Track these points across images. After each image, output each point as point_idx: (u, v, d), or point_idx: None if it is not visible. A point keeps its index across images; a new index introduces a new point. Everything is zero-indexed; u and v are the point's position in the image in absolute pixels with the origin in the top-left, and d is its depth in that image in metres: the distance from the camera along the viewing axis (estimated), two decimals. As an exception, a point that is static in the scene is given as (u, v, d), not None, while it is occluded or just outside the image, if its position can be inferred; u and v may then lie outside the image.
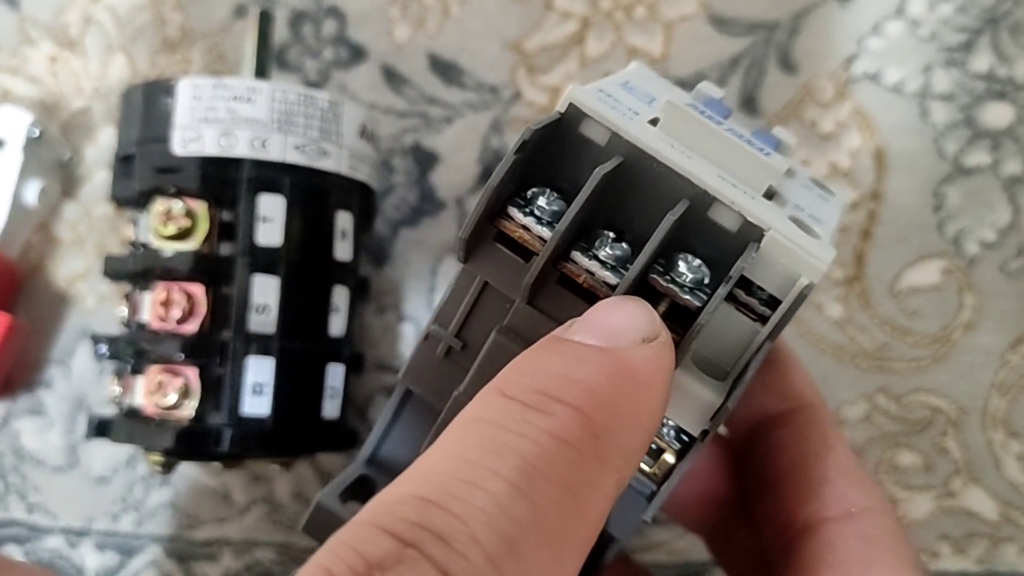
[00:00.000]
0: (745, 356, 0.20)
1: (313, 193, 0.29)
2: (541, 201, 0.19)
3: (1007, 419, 0.33)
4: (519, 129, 0.34)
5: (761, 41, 0.34)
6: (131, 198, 0.29)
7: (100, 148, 0.35)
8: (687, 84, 0.34)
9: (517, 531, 0.14)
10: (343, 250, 0.29)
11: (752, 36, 0.34)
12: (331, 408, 0.29)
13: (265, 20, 0.31)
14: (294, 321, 0.28)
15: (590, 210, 0.18)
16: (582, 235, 0.19)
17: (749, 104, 0.34)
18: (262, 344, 0.28)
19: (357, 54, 0.35)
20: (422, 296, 0.34)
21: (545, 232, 0.19)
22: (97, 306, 0.35)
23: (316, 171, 0.28)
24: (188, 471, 0.34)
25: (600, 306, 0.18)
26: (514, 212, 0.19)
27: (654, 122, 0.20)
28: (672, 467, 0.20)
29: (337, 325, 0.29)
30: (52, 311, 0.35)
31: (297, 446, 0.30)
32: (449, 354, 0.21)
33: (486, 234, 0.19)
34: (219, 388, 0.28)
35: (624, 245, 0.19)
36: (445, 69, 0.35)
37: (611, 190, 0.19)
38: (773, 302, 0.19)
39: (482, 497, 0.14)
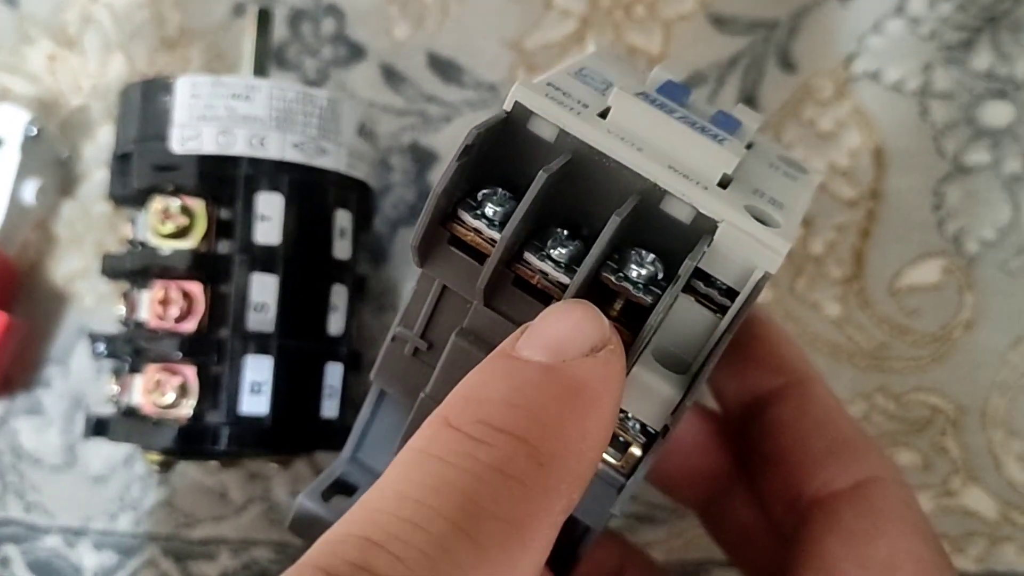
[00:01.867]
0: (706, 348, 0.19)
1: (311, 191, 0.29)
2: (492, 203, 0.18)
3: (1007, 418, 0.33)
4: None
5: (760, 40, 0.34)
6: (129, 196, 0.29)
7: (98, 146, 0.35)
8: (686, 83, 0.34)
9: (459, 573, 0.14)
10: (342, 249, 0.29)
11: (751, 35, 0.34)
12: (329, 407, 0.29)
13: (264, 18, 0.31)
14: (292, 320, 0.28)
15: (542, 208, 0.18)
16: (537, 233, 0.19)
17: (749, 103, 0.34)
18: (260, 343, 0.28)
19: (356, 52, 0.35)
20: (421, 295, 0.34)
21: (496, 235, 0.18)
22: (95, 305, 0.35)
23: (314, 169, 0.28)
24: (186, 470, 0.34)
25: (547, 315, 0.17)
26: (464, 215, 0.18)
27: (605, 113, 0.19)
28: (639, 459, 0.20)
29: (335, 324, 0.29)
30: (50, 310, 0.35)
31: (295, 445, 0.30)
32: (416, 354, 0.21)
33: (440, 237, 0.19)
34: (217, 387, 0.28)
35: (577, 243, 0.19)
36: (444, 68, 0.35)
37: (564, 186, 0.19)
38: (732, 292, 0.19)
39: (424, 538, 0.14)
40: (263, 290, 0.28)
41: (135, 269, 0.28)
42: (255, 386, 0.28)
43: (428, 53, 0.35)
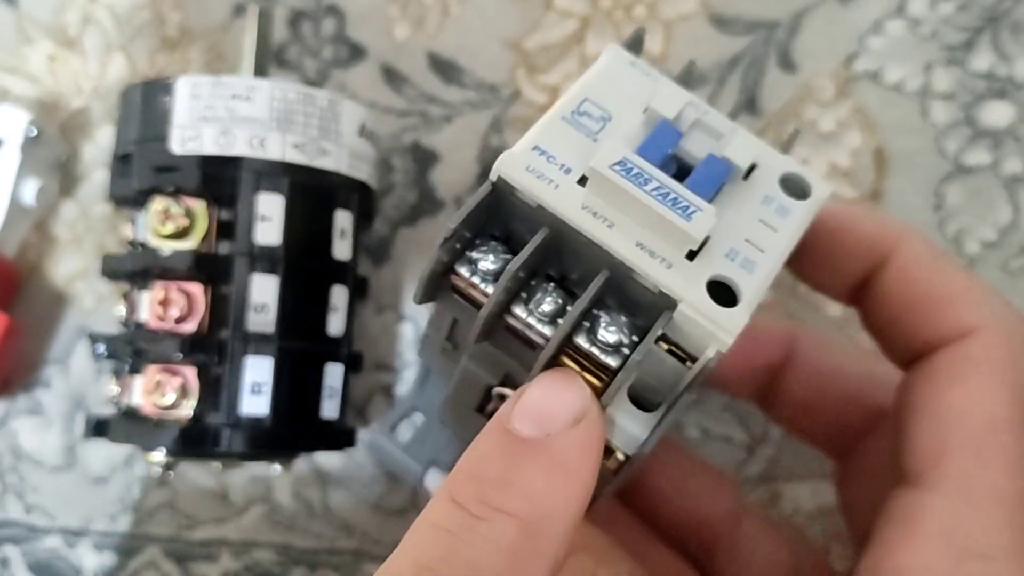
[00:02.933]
0: (674, 392, 0.21)
1: (312, 192, 0.28)
2: (486, 259, 0.20)
3: (1008, 419, 0.33)
4: (520, 128, 0.34)
5: (761, 40, 0.34)
6: (129, 197, 0.29)
7: (98, 147, 0.35)
8: (686, 84, 0.34)
9: None
10: (342, 249, 0.29)
11: (752, 35, 0.34)
12: (330, 408, 0.29)
13: (264, 19, 0.31)
14: (293, 320, 0.28)
15: (534, 263, 0.20)
16: (529, 281, 0.21)
17: (749, 104, 0.34)
18: (261, 343, 0.28)
19: (356, 53, 0.35)
20: (421, 296, 0.34)
21: (490, 289, 0.20)
22: (95, 305, 0.35)
23: (315, 170, 0.28)
24: (186, 471, 0.34)
25: (536, 387, 0.20)
26: (461, 271, 0.21)
27: (585, 180, 0.20)
28: (622, 464, 0.21)
29: (336, 324, 0.29)
30: (50, 310, 0.35)
31: (296, 445, 0.30)
32: (443, 352, 0.24)
33: (444, 284, 0.21)
34: (218, 388, 0.28)
35: (562, 299, 0.20)
36: (444, 68, 0.35)
37: (553, 244, 0.20)
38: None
39: None
40: (263, 291, 0.28)
41: (135, 270, 0.28)
42: (255, 387, 0.28)
43: (428, 53, 0.35)
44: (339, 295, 0.29)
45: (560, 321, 0.20)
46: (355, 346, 0.31)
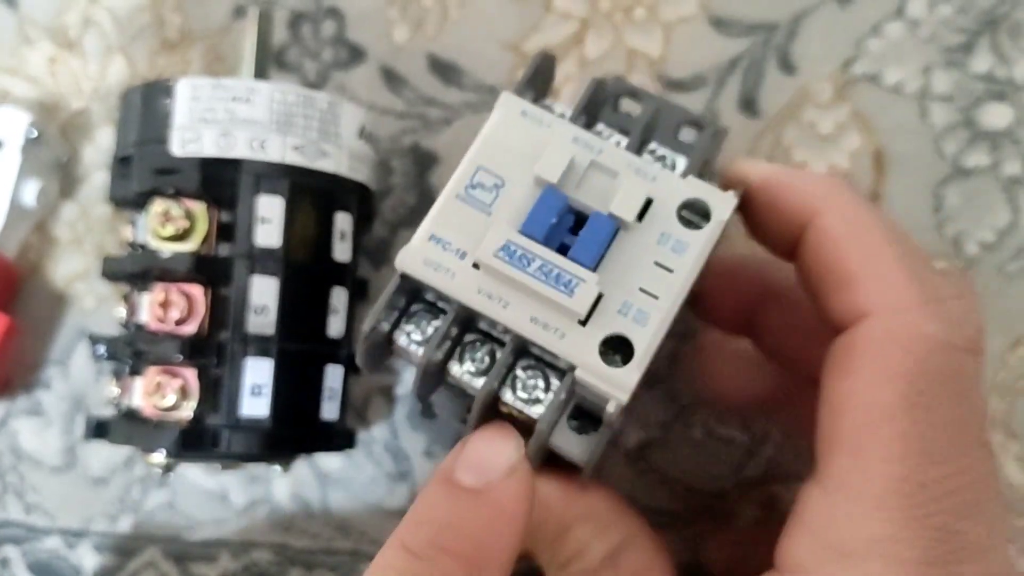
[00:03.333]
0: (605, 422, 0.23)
1: (312, 194, 0.29)
2: (417, 328, 0.23)
3: (1006, 421, 0.33)
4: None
5: (760, 42, 0.34)
6: (129, 199, 0.29)
7: (99, 149, 0.35)
8: (685, 86, 0.34)
9: None
10: (342, 251, 0.29)
11: (751, 37, 0.34)
12: (330, 409, 0.29)
13: (264, 21, 0.31)
14: (293, 322, 0.28)
15: (457, 330, 0.23)
16: (461, 338, 0.23)
17: (748, 105, 0.34)
18: (261, 345, 0.28)
19: (356, 55, 0.35)
20: (421, 297, 0.34)
21: (420, 353, 0.23)
22: (95, 307, 0.35)
23: (315, 172, 0.28)
24: (186, 472, 0.34)
25: (473, 442, 0.22)
26: (398, 340, 0.23)
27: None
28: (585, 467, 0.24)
29: (336, 326, 0.29)
30: (50, 311, 0.35)
31: (296, 447, 0.30)
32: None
33: (386, 350, 0.24)
34: (218, 389, 0.28)
35: (486, 359, 0.23)
36: (444, 70, 0.35)
37: (466, 315, 0.22)
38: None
39: None
40: (263, 293, 0.28)
41: (135, 271, 0.28)
42: (255, 388, 0.28)
43: (428, 55, 0.35)
44: (339, 297, 0.29)
45: (488, 376, 0.23)
46: (355, 348, 0.31)
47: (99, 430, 0.29)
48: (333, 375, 0.29)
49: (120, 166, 0.30)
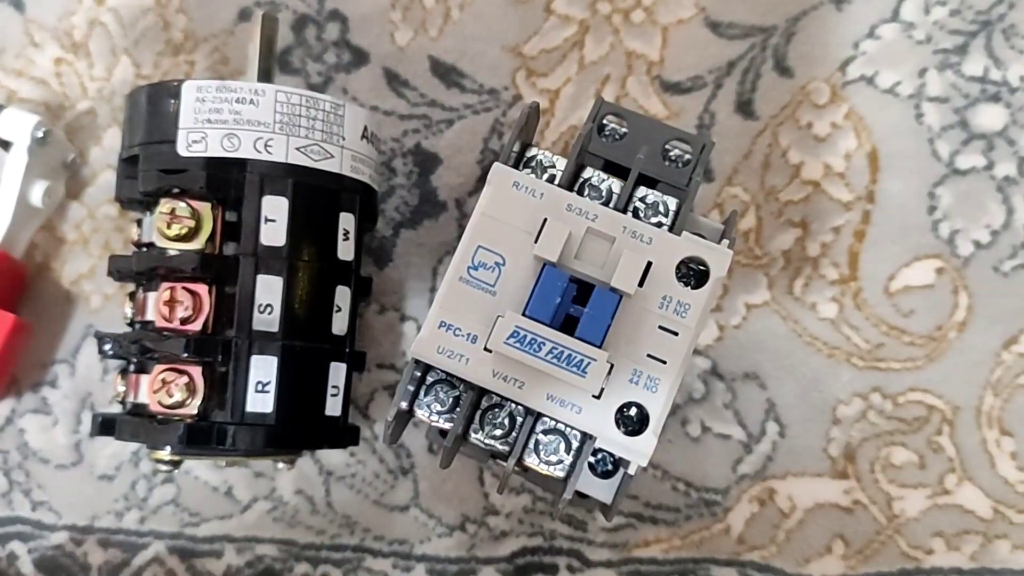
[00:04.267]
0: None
1: (316, 194, 0.29)
2: (435, 404, 0.24)
3: (1001, 417, 0.34)
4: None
5: (757, 45, 0.35)
6: (136, 199, 0.29)
7: (105, 149, 0.36)
8: (684, 88, 0.35)
9: None
10: (345, 250, 0.30)
11: (749, 40, 0.35)
12: (333, 406, 0.30)
13: (268, 23, 0.31)
14: (297, 320, 0.28)
15: (476, 406, 0.24)
16: (478, 406, 0.24)
17: (746, 107, 0.35)
18: (265, 343, 0.28)
19: (359, 57, 0.35)
20: (423, 296, 0.35)
21: (443, 423, 0.24)
22: (102, 305, 0.35)
23: (319, 172, 0.29)
24: (192, 468, 0.34)
25: None
26: (419, 413, 0.24)
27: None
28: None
29: (339, 324, 0.30)
30: (57, 310, 0.35)
31: (300, 443, 0.30)
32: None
33: (407, 420, 0.25)
34: (223, 386, 0.28)
35: (507, 423, 0.24)
36: (446, 72, 0.35)
37: (482, 392, 0.24)
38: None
39: None
40: (268, 291, 0.28)
41: (142, 270, 0.29)
42: (260, 385, 0.28)
43: (430, 58, 0.35)
44: (342, 295, 0.30)
45: (509, 439, 0.24)
46: (358, 345, 0.31)
47: (105, 427, 0.30)
48: (337, 372, 0.30)
49: (126, 166, 0.30)
